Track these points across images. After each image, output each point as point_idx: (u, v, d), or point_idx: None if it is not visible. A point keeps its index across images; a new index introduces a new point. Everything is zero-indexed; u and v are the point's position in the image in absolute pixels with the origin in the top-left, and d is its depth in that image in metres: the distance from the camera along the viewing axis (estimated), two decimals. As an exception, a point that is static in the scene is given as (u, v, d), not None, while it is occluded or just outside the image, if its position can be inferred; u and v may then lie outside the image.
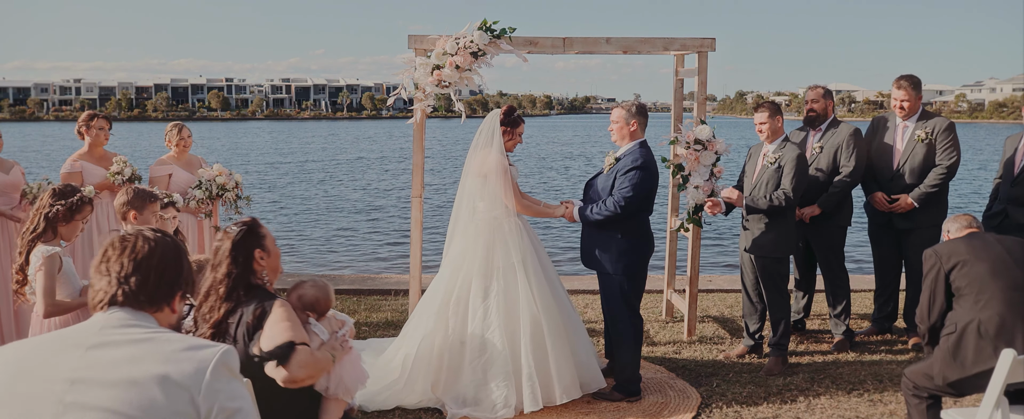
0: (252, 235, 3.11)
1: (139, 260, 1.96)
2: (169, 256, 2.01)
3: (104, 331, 1.90)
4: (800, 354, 5.96)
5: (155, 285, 1.97)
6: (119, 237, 2.00)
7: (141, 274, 1.95)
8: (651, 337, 6.37)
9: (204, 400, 1.82)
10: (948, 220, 4.20)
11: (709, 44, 6.00)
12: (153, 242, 2.01)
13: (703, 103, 6.05)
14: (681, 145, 5.88)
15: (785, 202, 5.32)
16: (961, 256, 3.81)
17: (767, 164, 5.49)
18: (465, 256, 4.91)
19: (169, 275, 2.00)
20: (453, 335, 4.79)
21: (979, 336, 3.71)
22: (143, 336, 1.89)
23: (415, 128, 5.91)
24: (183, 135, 6.49)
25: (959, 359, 3.75)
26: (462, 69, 5.62)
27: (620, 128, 4.98)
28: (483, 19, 5.62)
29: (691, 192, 5.87)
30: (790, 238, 5.55)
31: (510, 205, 4.92)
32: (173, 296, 2.02)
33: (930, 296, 3.92)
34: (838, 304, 6.14)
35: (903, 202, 5.87)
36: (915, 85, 5.94)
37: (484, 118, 5.14)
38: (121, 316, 1.92)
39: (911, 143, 5.91)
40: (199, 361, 1.84)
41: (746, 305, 5.87)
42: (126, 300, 1.94)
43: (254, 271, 3.10)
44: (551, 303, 4.82)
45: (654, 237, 5.16)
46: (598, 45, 6.00)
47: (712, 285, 8.14)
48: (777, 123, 5.52)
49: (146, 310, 1.96)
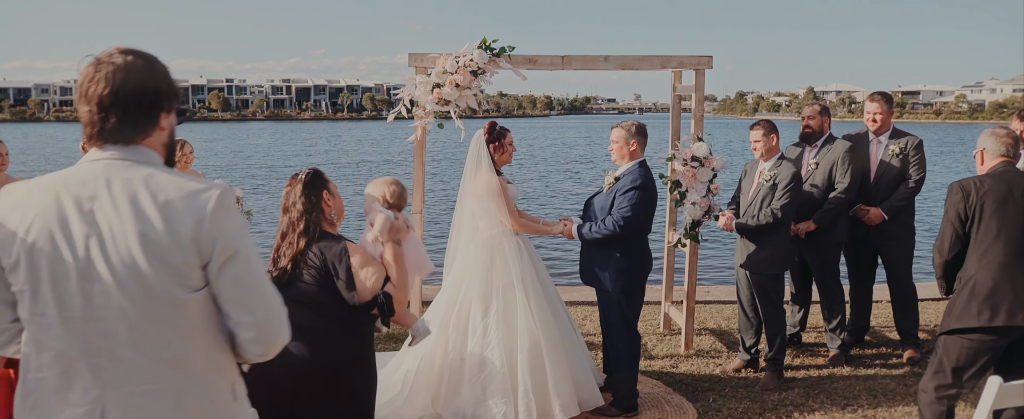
0: (319, 178, 3.48)
1: (113, 92, 1.89)
2: (143, 80, 1.93)
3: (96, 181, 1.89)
4: (796, 368, 6.03)
5: (135, 111, 1.92)
6: (89, 69, 1.92)
7: (119, 105, 1.90)
8: (648, 350, 6.44)
9: (206, 245, 1.87)
10: (984, 134, 4.07)
11: (706, 61, 6.07)
12: (124, 69, 1.92)
13: (700, 120, 6.12)
14: (679, 161, 5.95)
15: (773, 221, 5.40)
16: (980, 202, 3.81)
17: (762, 182, 5.56)
18: (465, 275, 4.97)
19: (148, 95, 1.93)
20: (453, 352, 4.86)
21: (971, 294, 3.80)
22: (139, 179, 1.89)
23: (415, 145, 5.98)
24: (185, 151, 6.54)
25: (953, 312, 3.86)
26: (462, 87, 5.69)
27: (620, 148, 5.04)
28: (483, 38, 5.70)
29: (688, 208, 5.94)
30: (785, 255, 5.62)
31: (507, 225, 4.99)
32: (157, 117, 1.97)
33: (945, 234, 3.92)
34: (833, 318, 6.21)
35: (874, 214, 6.05)
36: (888, 100, 6.25)
37: (473, 138, 5.17)
38: (117, 152, 1.92)
39: (887, 156, 6.11)
40: (197, 207, 1.87)
41: (742, 320, 5.95)
42: (109, 137, 1.92)
43: (322, 210, 3.44)
44: (550, 321, 4.88)
45: (652, 251, 5.23)
46: (596, 63, 6.07)
47: (710, 296, 8.22)
48: (772, 141, 5.59)
49: (137, 141, 1.94)
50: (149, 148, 1.95)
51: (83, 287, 1.84)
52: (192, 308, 1.89)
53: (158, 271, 1.83)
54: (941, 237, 3.95)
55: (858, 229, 6.24)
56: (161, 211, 1.84)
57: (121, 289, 1.83)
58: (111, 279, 1.83)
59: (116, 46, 1.96)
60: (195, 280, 1.87)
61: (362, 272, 3.36)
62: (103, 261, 1.83)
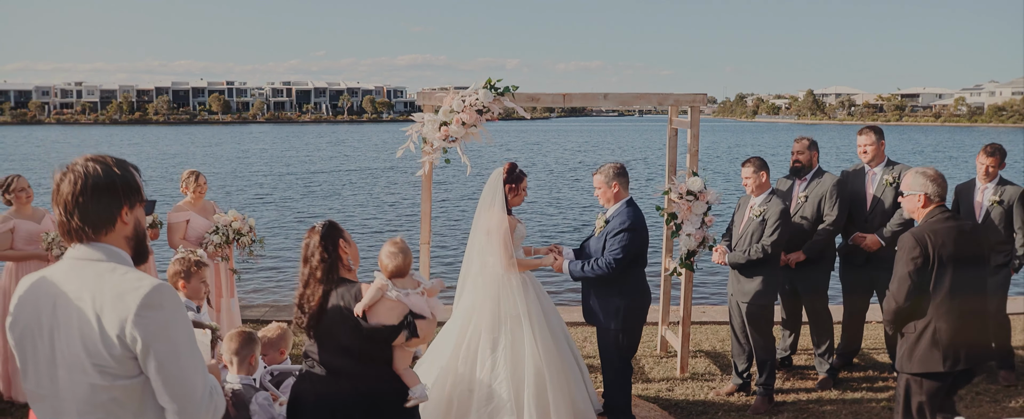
0: (334, 229, 3.75)
1: (75, 196, 2.21)
2: (100, 187, 2.22)
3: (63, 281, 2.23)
4: (786, 391, 6.32)
5: (94, 216, 2.22)
6: (58, 176, 2.26)
7: (80, 210, 2.21)
8: (645, 373, 6.73)
9: (130, 341, 2.15)
10: (924, 178, 4.35)
11: (701, 99, 6.36)
12: (83, 176, 2.22)
13: (695, 154, 6.41)
14: (675, 194, 6.24)
15: (763, 255, 5.70)
16: (938, 255, 4.13)
17: (753, 217, 5.86)
18: (474, 308, 5.25)
19: (105, 201, 2.22)
20: (462, 382, 5.13)
21: (934, 342, 4.16)
22: (91, 279, 2.20)
23: (423, 179, 6.26)
24: (200, 182, 6.80)
25: (915, 357, 4.20)
26: (468, 125, 5.97)
27: (603, 191, 5.31)
28: (488, 79, 5.98)
29: (684, 239, 6.23)
30: (773, 286, 5.91)
31: (502, 265, 5.22)
32: (115, 215, 2.25)
33: (903, 285, 4.17)
34: (822, 344, 6.51)
35: (871, 241, 6.32)
36: (878, 133, 6.49)
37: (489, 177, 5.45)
38: (82, 251, 2.24)
39: (880, 187, 6.37)
40: (123, 309, 2.14)
41: (734, 346, 6.24)
42: (76, 236, 2.24)
43: (340, 258, 3.69)
44: (553, 353, 5.16)
45: (649, 276, 5.51)
46: (596, 100, 6.36)
47: (706, 316, 8.50)
48: (762, 178, 5.88)
49: (100, 239, 2.25)
50: (111, 244, 2.27)
51: (50, 371, 2.23)
52: (133, 391, 2.22)
53: (95, 363, 2.17)
54: (899, 287, 4.22)
55: (856, 256, 6.51)
56: (97, 313, 2.16)
57: (72, 376, 2.20)
58: (65, 368, 2.20)
59: (85, 154, 2.31)
60: (128, 369, 2.20)
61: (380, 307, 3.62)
62: (62, 351, 2.20)
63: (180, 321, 2.23)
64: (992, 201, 6.32)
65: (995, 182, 6.38)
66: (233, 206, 21.04)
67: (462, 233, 17.23)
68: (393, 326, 3.57)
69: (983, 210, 6.37)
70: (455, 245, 15.47)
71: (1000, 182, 6.38)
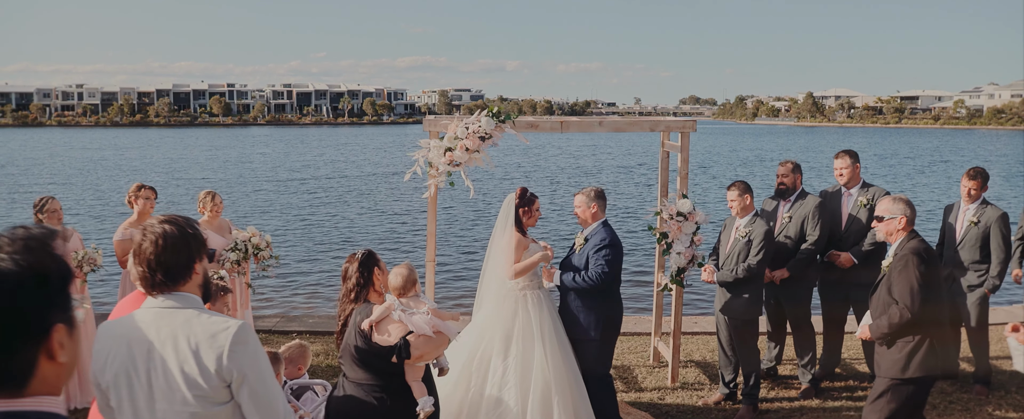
0: (371, 258, 4.31)
1: (157, 255, 2.59)
2: (177, 245, 2.61)
3: (149, 328, 2.61)
4: (770, 400, 6.72)
5: (174, 269, 2.61)
6: (139, 237, 2.66)
7: (162, 267, 2.60)
8: (638, 382, 7.13)
9: (225, 373, 2.55)
10: (901, 203, 4.80)
11: (690, 125, 6.76)
12: (161, 238, 2.61)
13: (685, 177, 6.81)
14: (665, 215, 6.64)
15: (748, 274, 6.10)
16: (933, 269, 4.65)
17: (738, 237, 6.26)
18: (490, 322, 5.66)
19: (182, 257, 2.62)
20: (474, 390, 5.52)
21: (930, 349, 4.65)
22: (179, 324, 2.58)
23: (429, 201, 6.66)
24: (216, 202, 7.18)
25: (911, 365, 4.65)
26: (471, 151, 6.37)
27: (583, 211, 5.79)
28: (490, 107, 6.38)
29: (674, 257, 6.63)
30: (758, 302, 6.33)
31: (508, 274, 5.63)
32: (191, 268, 2.64)
33: (917, 296, 4.57)
34: (805, 355, 6.91)
35: (845, 258, 6.75)
36: (853, 156, 6.93)
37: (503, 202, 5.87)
38: (164, 301, 2.62)
39: (856, 207, 6.80)
40: (217, 346, 2.54)
41: (722, 358, 6.64)
42: (159, 289, 2.62)
43: (373, 282, 4.21)
44: (562, 367, 5.54)
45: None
46: (591, 127, 6.77)
47: (697, 327, 8.90)
48: (746, 201, 6.28)
49: (178, 289, 2.63)
50: (187, 292, 2.68)
51: (149, 405, 2.63)
52: (225, 414, 2.64)
53: (195, 394, 2.59)
54: (913, 298, 4.59)
55: (831, 273, 6.93)
56: (194, 351, 2.56)
57: (172, 407, 2.60)
58: (164, 400, 2.61)
59: (156, 216, 2.74)
60: (223, 396, 2.62)
61: (388, 326, 4.05)
62: (159, 387, 2.60)
63: (261, 352, 2.66)
64: (970, 222, 6.70)
65: (978, 203, 6.77)
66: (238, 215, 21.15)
67: (463, 243, 17.63)
68: (389, 346, 4.00)
69: (963, 230, 6.76)
70: (456, 255, 15.87)
71: (983, 203, 6.76)
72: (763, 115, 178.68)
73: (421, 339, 4.03)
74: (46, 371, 1.45)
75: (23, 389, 1.43)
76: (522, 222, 5.78)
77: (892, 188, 29.77)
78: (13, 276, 1.39)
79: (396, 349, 4.01)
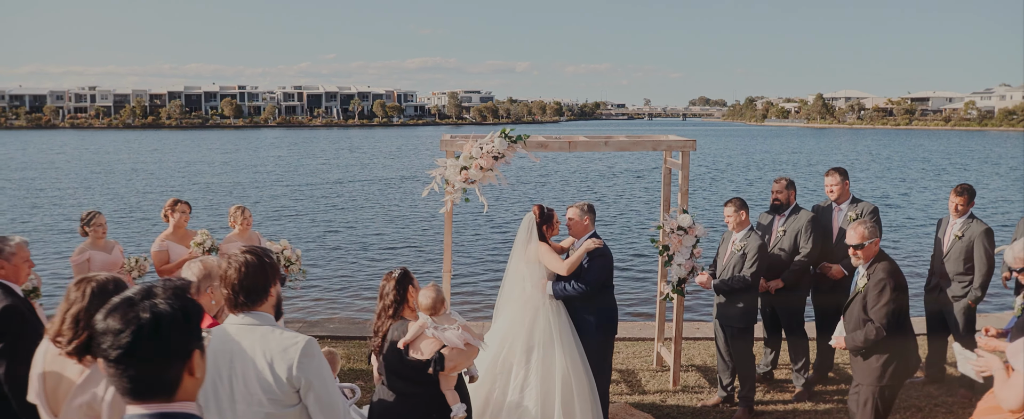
0: (406, 276, 4.65)
1: (240, 280, 3.09)
2: (257, 272, 3.09)
3: (232, 340, 3.12)
4: (766, 403, 7.16)
5: (254, 293, 3.10)
6: (225, 264, 3.17)
7: (244, 290, 3.09)
8: (642, 385, 7.58)
9: (296, 381, 3.09)
10: (871, 225, 5.29)
11: (690, 145, 7.21)
12: (245, 265, 3.10)
13: (686, 193, 7.25)
14: (667, 228, 7.09)
15: (744, 285, 6.55)
16: (903, 288, 5.16)
17: (734, 251, 6.70)
18: (512, 329, 6.11)
19: (260, 282, 3.11)
20: (497, 392, 5.98)
21: (905, 360, 5.20)
22: (257, 338, 3.09)
23: (445, 216, 7.13)
24: (246, 215, 7.68)
25: (886, 374, 5.18)
26: (485, 169, 6.84)
27: (576, 224, 6.28)
28: (503, 129, 6.84)
29: (675, 269, 7.08)
30: (753, 311, 6.78)
31: (562, 271, 6.05)
32: (268, 291, 3.13)
33: (888, 316, 5.09)
34: (798, 360, 7.36)
35: (836, 270, 7.19)
36: (843, 174, 7.39)
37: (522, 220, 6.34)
38: (244, 319, 3.13)
39: (846, 221, 7.24)
40: (289, 358, 3.05)
41: (720, 362, 7.09)
42: (240, 308, 3.12)
43: (407, 299, 4.58)
44: (580, 369, 5.99)
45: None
46: (598, 146, 7.22)
47: (699, 332, 9.34)
48: (742, 216, 6.73)
49: (256, 309, 3.12)
50: (263, 311, 3.21)
51: (231, 406, 3.15)
52: (294, 415, 3.17)
53: (270, 397, 3.13)
54: (887, 320, 5.10)
55: (824, 283, 7.36)
56: (269, 362, 3.08)
57: (250, 409, 3.14)
58: (243, 403, 3.14)
59: (240, 246, 3.28)
60: (293, 399, 3.15)
61: (421, 343, 4.50)
62: (239, 391, 3.14)
63: (325, 363, 3.16)
64: (955, 236, 7.13)
65: (964, 218, 7.19)
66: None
67: (476, 251, 18.08)
68: (425, 360, 4.44)
69: (949, 243, 7.19)
70: (470, 263, 16.31)
71: (969, 218, 7.18)
72: (773, 116, 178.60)
73: (454, 352, 4.46)
74: (187, 383, 1.94)
75: (172, 396, 1.92)
76: (546, 235, 6.28)
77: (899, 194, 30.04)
78: (169, 316, 1.88)
79: (431, 362, 4.44)
